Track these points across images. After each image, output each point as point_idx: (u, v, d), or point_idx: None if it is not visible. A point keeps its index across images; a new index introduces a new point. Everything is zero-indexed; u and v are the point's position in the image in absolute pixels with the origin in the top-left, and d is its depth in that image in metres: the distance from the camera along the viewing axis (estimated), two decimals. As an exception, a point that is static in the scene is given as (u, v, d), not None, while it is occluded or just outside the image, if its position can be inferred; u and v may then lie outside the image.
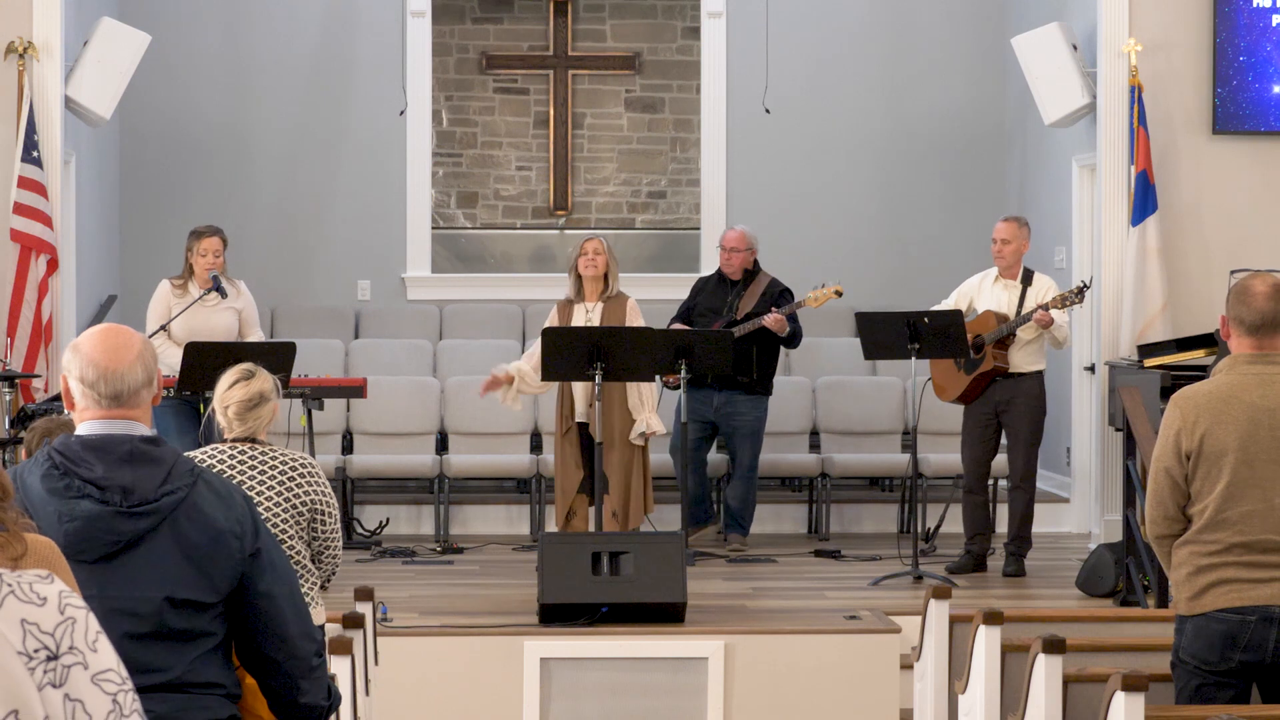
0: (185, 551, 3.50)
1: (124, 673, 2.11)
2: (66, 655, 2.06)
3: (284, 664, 3.64)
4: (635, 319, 9.38)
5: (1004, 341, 9.60)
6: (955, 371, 9.75)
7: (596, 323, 9.35)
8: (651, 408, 9.43)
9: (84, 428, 3.55)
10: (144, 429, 3.57)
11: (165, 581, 3.48)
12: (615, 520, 9.31)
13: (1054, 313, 9.41)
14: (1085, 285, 9.56)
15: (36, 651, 2.04)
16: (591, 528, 9.19)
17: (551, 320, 9.48)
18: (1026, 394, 9.64)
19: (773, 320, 10.18)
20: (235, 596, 3.58)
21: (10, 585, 2.08)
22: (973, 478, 9.76)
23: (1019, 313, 9.64)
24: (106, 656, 2.10)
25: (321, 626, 5.64)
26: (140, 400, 3.57)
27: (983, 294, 9.78)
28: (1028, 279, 9.75)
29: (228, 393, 5.39)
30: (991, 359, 9.59)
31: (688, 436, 10.24)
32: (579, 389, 9.40)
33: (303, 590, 5.48)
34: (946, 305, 9.78)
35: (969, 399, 9.76)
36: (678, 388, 9.91)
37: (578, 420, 9.45)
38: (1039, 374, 9.70)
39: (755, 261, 10.51)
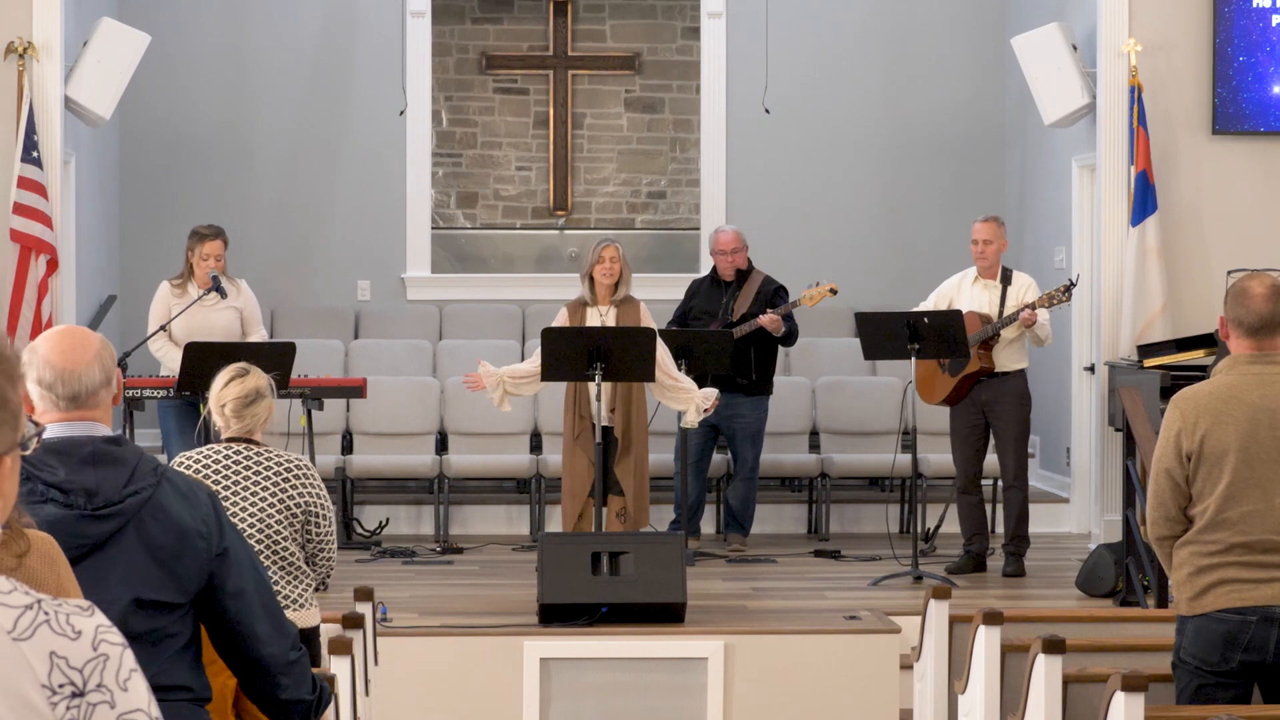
0: (152, 552, 3.45)
1: (155, 712, 2.07)
2: (93, 693, 2.02)
3: (261, 661, 3.61)
4: (648, 323, 9.33)
5: (988, 342, 9.58)
6: (940, 373, 9.72)
7: (612, 324, 9.31)
8: (691, 387, 9.20)
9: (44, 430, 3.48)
10: (105, 429, 3.52)
11: (133, 583, 3.43)
12: (621, 521, 9.27)
13: (1038, 311, 9.42)
14: (1072, 283, 9.55)
15: (61, 686, 2.00)
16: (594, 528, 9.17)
17: (561, 321, 9.36)
18: (1012, 393, 9.63)
19: (769, 321, 10.16)
20: (205, 597, 3.53)
21: (47, 615, 2.04)
22: (966, 478, 9.76)
23: (1001, 312, 9.62)
24: (137, 696, 2.06)
25: (318, 628, 5.64)
26: (99, 401, 3.52)
27: (962, 294, 9.76)
28: (1007, 278, 9.74)
29: (223, 391, 5.38)
30: (978, 360, 9.58)
31: (692, 443, 10.23)
32: (595, 390, 9.29)
33: (298, 592, 5.49)
34: (925, 306, 9.76)
35: (955, 400, 9.74)
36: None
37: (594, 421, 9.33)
38: (1022, 372, 9.70)
39: (748, 260, 10.49)
